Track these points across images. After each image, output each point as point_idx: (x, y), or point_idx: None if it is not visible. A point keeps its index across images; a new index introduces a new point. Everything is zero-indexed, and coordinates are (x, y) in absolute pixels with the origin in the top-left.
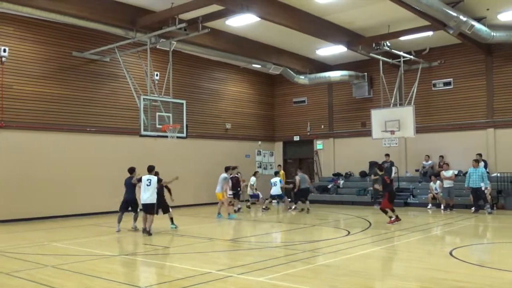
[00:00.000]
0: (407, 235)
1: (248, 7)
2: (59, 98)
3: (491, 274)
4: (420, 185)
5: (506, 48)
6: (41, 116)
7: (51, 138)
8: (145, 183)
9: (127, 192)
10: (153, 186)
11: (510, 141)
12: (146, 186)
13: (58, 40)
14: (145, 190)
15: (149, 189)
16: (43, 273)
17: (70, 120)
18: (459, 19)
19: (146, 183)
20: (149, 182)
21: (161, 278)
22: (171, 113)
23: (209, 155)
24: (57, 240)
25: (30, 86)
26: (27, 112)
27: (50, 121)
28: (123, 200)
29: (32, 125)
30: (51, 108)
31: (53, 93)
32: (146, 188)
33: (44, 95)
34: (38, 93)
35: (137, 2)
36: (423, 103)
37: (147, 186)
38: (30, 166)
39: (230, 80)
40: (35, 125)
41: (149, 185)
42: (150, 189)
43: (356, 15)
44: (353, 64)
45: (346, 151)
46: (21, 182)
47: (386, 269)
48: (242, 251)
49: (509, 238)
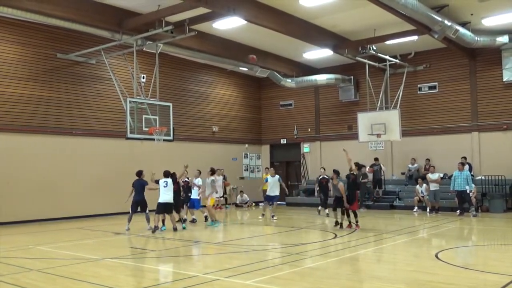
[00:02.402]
0: (393, 237)
1: (235, 10)
2: (43, 100)
3: (475, 276)
4: (406, 188)
5: (489, 53)
6: (25, 118)
7: (36, 141)
8: (162, 185)
9: (137, 193)
10: (170, 187)
11: (494, 144)
12: (164, 188)
13: (42, 42)
14: (164, 192)
15: (167, 190)
16: (28, 277)
17: (55, 123)
18: (444, 23)
19: (163, 184)
20: (165, 183)
21: (148, 282)
22: (157, 115)
23: (196, 158)
24: (42, 243)
25: (14, 88)
26: (11, 114)
27: (34, 124)
28: (133, 201)
29: (16, 127)
30: (36, 111)
31: (38, 95)
32: (164, 190)
33: (28, 98)
34: (22, 95)
35: (123, 4)
36: (408, 106)
37: (164, 188)
38: (15, 169)
39: (217, 83)
40: (19, 127)
41: (166, 187)
42: (168, 190)
43: (343, 19)
44: (340, 67)
45: (332, 154)
46: (5, 185)
47: (372, 272)
48: (230, 254)
49: (493, 240)
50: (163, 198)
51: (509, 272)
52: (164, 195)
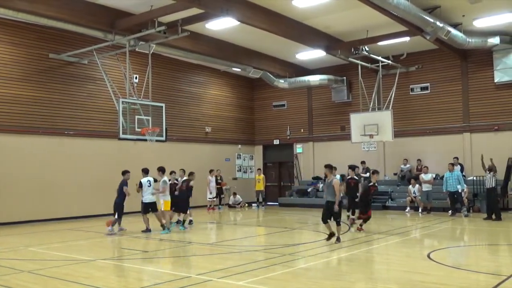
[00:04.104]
0: (385, 238)
1: (228, 11)
2: (35, 100)
3: (467, 276)
4: (399, 188)
5: (480, 54)
6: (17, 119)
7: (28, 142)
8: (146, 184)
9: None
10: (152, 187)
11: (485, 145)
12: (148, 187)
13: (34, 42)
14: (148, 191)
15: (152, 189)
16: (19, 279)
17: (48, 123)
18: (436, 25)
19: (147, 184)
20: (149, 183)
21: (140, 283)
22: (150, 116)
23: (189, 158)
24: (33, 244)
25: (5, 89)
26: (3, 115)
27: (27, 124)
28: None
29: (7, 128)
30: (28, 111)
31: (30, 95)
32: (149, 189)
33: (20, 98)
34: (14, 95)
35: (116, 5)
36: (401, 107)
37: (148, 187)
38: (6, 169)
39: (210, 83)
40: (11, 128)
41: (150, 186)
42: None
43: (335, 20)
44: (332, 68)
45: (325, 155)
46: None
47: (365, 272)
48: (222, 255)
49: (485, 240)
50: (147, 198)
51: (501, 272)
52: (148, 195)
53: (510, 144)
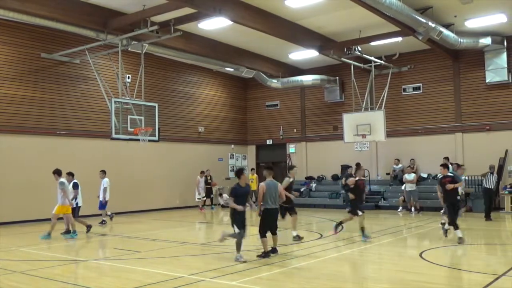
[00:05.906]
0: (378, 237)
1: (221, 11)
2: (27, 100)
3: (459, 275)
4: (391, 188)
5: (472, 54)
6: (9, 119)
7: (20, 141)
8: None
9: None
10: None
11: (477, 145)
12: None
13: (26, 41)
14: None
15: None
16: (11, 279)
17: (40, 123)
18: (428, 25)
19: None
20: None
21: (133, 283)
22: (143, 116)
23: (182, 158)
24: (25, 245)
25: None
26: None
27: (18, 124)
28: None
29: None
30: (20, 111)
31: (22, 95)
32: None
33: (12, 97)
34: (6, 95)
35: (108, 4)
36: (393, 107)
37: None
38: None
39: (203, 83)
40: (3, 127)
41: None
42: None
43: (328, 20)
44: (325, 68)
45: (318, 154)
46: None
47: (358, 272)
48: (215, 255)
49: (477, 240)
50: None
51: (492, 271)
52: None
53: (501, 144)
